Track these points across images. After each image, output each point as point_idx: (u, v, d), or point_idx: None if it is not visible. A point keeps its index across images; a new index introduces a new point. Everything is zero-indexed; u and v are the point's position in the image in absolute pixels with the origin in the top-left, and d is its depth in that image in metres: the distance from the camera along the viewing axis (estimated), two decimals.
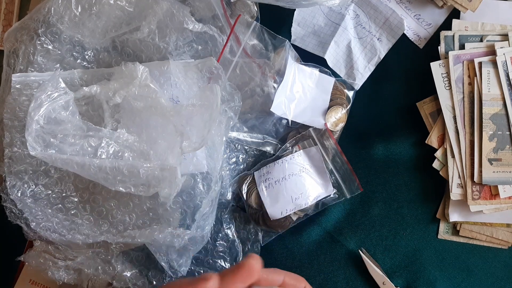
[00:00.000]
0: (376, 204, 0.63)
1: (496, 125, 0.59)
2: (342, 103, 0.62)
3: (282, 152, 0.61)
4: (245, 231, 0.62)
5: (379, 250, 0.62)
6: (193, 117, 0.51)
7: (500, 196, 0.58)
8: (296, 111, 0.61)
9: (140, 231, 0.53)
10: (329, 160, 0.61)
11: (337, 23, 0.63)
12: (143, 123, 0.52)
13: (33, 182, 0.53)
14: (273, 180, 0.60)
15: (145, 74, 0.53)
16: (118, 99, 0.53)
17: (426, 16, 0.63)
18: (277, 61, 0.60)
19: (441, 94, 0.60)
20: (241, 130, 0.61)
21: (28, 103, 0.52)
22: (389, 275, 0.61)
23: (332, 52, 0.63)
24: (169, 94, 0.56)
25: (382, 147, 0.63)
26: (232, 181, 0.61)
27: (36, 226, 0.52)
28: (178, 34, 0.57)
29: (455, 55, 0.60)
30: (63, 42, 0.56)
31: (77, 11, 0.54)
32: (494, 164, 0.58)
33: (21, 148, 0.52)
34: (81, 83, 0.56)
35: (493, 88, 0.59)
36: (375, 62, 0.63)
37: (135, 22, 0.56)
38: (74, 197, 0.55)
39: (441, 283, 0.62)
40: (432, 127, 0.61)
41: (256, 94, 0.60)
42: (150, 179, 0.50)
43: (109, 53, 0.58)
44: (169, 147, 0.51)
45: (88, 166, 0.48)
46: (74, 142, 0.49)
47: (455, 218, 0.60)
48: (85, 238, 0.53)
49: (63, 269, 0.55)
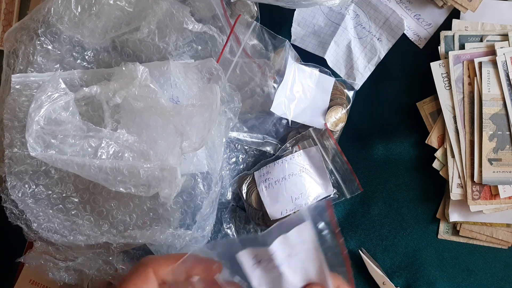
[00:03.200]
0: (376, 204, 0.63)
1: (496, 125, 0.59)
2: (342, 103, 0.62)
3: (282, 152, 0.61)
4: (245, 231, 0.62)
5: (379, 250, 0.62)
6: (193, 117, 0.51)
7: (500, 196, 0.58)
8: (296, 111, 0.61)
9: (141, 231, 0.53)
10: (329, 160, 0.61)
11: (337, 23, 0.63)
12: (143, 123, 0.52)
13: (34, 183, 0.53)
14: (273, 180, 0.60)
15: (145, 75, 0.53)
16: (118, 99, 0.53)
17: (426, 16, 0.63)
18: (277, 61, 0.60)
19: (441, 94, 0.60)
20: (241, 130, 0.61)
21: (28, 104, 0.52)
22: (389, 275, 0.61)
23: (332, 52, 0.63)
24: (169, 95, 0.55)
25: (382, 147, 0.63)
26: (232, 181, 0.61)
27: (38, 227, 0.52)
28: (178, 34, 0.57)
29: (455, 55, 0.60)
30: (63, 42, 0.56)
31: (77, 11, 0.54)
32: (494, 164, 0.58)
33: (21, 149, 0.52)
34: (81, 84, 0.56)
35: (493, 88, 0.59)
36: (375, 62, 0.63)
37: (135, 22, 0.56)
38: (75, 197, 0.55)
39: (441, 283, 0.62)
40: (432, 127, 0.61)
41: (256, 94, 0.60)
42: (150, 180, 0.50)
43: (109, 53, 0.58)
44: (169, 147, 0.51)
45: (88, 166, 0.48)
46: (74, 142, 0.49)
47: (455, 218, 0.60)
48: (86, 239, 0.53)
49: (64, 270, 0.55)
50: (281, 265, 0.42)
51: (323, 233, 0.44)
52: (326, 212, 0.43)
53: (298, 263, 0.43)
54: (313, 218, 0.43)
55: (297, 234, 0.43)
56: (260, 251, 0.42)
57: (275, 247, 0.42)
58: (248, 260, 0.43)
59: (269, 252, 0.42)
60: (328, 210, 0.43)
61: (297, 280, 0.43)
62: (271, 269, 0.43)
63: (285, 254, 0.43)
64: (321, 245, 0.44)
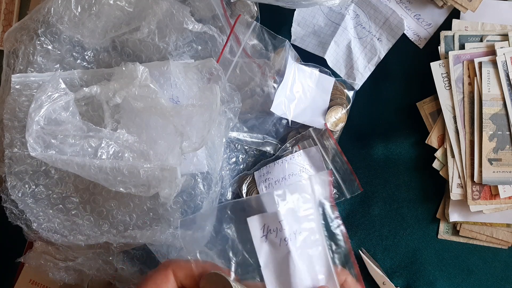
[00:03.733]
0: (376, 204, 0.63)
1: (496, 125, 0.59)
2: (342, 103, 0.62)
3: (282, 152, 0.61)
4: None
5: (379, 250, 0.62)
6: (193, 117, 0.51)
7: (500, 196, 0.58)
8: (296, 111, 0.61)
9: (141, 231, 0.53)
10: (329, 160, 0.61)
11: (337, 23, 0.63)
12: (143, 123, 0.52)
13: (34, 183, 0.53)
14: (273, 180, 0.60)
15: (145, 75, 0.53)
16: (118, 99, 0.53)
17: (426, 16, 0.63)
18: (277, 61, 0.60)
19: (441, 94, 0.60)
20: (241, 130, 0.61)
21: (28, 104, 0.52)
22: (389, 275, 0.61)
23: (332, 52, 0.63)
24: (169, 95, 0.55)
25: (382, 147, 0.63)
26: (232, 181, 0.61)
27: (38, 227, 0.52)
28: (178, 34, 0.57)
29: (455, 55, 0.60)
30: (63, 42, 0.56)
31: (77, 11, 0.54)
32: (494, 164, 0.58)
33: (21, 149, 0.52)
34: (81, 84, 0.56)
35: (493, 88, 0.59)
36: (375, 62, 0.63)
37: (134, 22, 0.56)
38: (75, 197, 0.55)
39: (441, 283, 0.62)
40: (432, 127, 0.61)
41: (256, 94, 0.60)
42: (150, 180, 0.50)
43: (109, 53, 0.58)
44: (169, 147, 0.51)
45: (88, 166, 0.48)
46: (74, 142, 0.49)
47: (455, 218, 0.60)
48: (86, 239, 0.53)
49: (64, 270, 0.55)
50: (289, 241, 0.43)
51: (325, 210, 0.44)
52: (327, 185, 0.44)
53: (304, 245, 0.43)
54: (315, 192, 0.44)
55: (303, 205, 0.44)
56: (270, 216, 0.43)
57: (283, 213, 0.42)
58: (258, 230, 0.43)
59: (278, 217, 0.42)
60: (329, 182, 0.44)
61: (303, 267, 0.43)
62: (279, 243, 0.43)
63: (293, 228, 0.43)
64: (326, 229, 0.44)
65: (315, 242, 0.44)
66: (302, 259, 0.43)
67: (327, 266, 0.44)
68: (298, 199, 0.44)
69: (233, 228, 0.46)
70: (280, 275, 0.43)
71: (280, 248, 0.43)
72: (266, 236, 0.43)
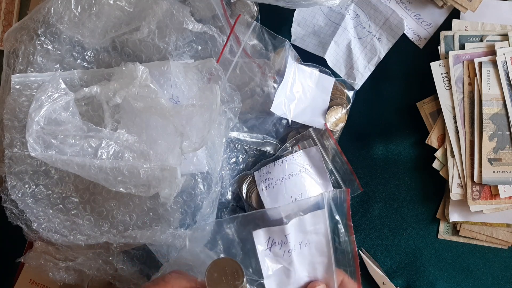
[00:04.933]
0: (376, 204, 0.63)
1: (496, 125, 0.59)
2: (342, 103, 0.62)
3: (282, 152, 0.61)
4: None
5: (379, 250, 0.63)
6: (193, 117, 0.51)
7: (500, 196, 0.59)
8: (296, 111, 0.61)
9: (141, 231, 0.53)
10: (329, 160, 0.61)
11: (337, 23, 0.63)
12: (143, 123, 0.52)
13: (34, 183, 0.53)
14: (273, 180, 0.60)
15: (145, 75, 0.53)
16: (118, 99, 0.53)
17: (426, 16, 0.63)
18: (277, 61, 0.60)
19: (441, 94, 0.60)
20: (241, 130, 0.61)
21: (28, 104, 0.52)
22: (389, 275, 0.61)
23: (332, 52, 0.63)
24: (169, 95, 0.56)
25: (382, 147, 0.63)
26: (232, 181, 0.61)
27: (38, 227, 0.52)
28: (178, 34, 0.57)
29: (455, 55, 0.60)
30: (63, 42, 0.56)
31: (77, 11, 0.54)
32: (494, 164, 0.58)
33: (21, 149, 0.52)
34: (81, 84, 0.56)
35: (493, 88, 0.59)
36: (375, 62, 0.63)
37: (135, 22, 0.56)
38: (75, 197, 0.55)
39: (441, 283, 0.62)
40: (432, 127, 0.61)
41: (256, 94, 0.60)
42: (150, 180, 0.50)
43: (109, 53, 0.58)
44: (169, 147, 0.51)
45: (88, 166, 0.48)
46: (74, 142, 0.49)
47: (455, 218, 0.60)
48: (86, 239, 0.53)
49: (64, 270, 0.55)
50: (293, 252, 0.43)
51: (338, 226, 0.44)
52: (344, 203, 0.44)
53: (308, 256, 0.43)
54: (330, 208, 0.43)
55: (312, 220, 0.43)
56: (276, 231, 0.42)
57: (291, 228, 0.42)
58: (263, 242, 0.43)
59: (285, 231, 0.42)
60: (346, 201, 0.43)
61: (304, 274, 0.43)
62: (282, 255, 0.43)
63: (298, 239, 0.43)
64: (333, 239, 0.44)
65: (321, 253, 0.44)
66: (304, 267, 0.43)
67: (330, 273, 0.44)
68: (308, 216, 0.43)
69: (237, 240, 0.45)
70: (281, 284, 0.43)
71: (283, 259, 0.43)
72: (270, 249, 0.44)
